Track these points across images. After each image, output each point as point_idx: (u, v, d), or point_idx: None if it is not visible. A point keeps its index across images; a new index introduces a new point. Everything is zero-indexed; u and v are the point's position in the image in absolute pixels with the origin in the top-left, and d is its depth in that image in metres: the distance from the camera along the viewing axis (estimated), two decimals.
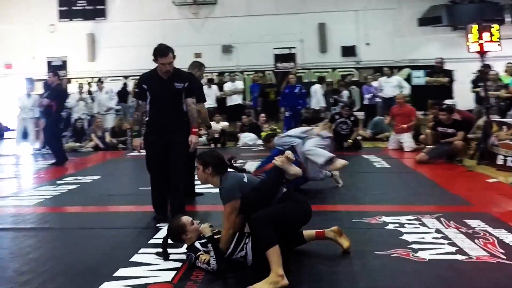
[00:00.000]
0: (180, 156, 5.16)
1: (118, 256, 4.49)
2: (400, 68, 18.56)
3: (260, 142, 11.96)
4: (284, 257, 3.82)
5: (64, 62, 19.34)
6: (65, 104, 11.18)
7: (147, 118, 5.41)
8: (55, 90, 10.88)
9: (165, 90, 5.27)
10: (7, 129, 17.86)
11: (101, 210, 6.49)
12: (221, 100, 13.68)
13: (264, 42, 19.23)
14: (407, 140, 11.52)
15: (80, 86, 15.34)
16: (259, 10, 19.64)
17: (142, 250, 4.61)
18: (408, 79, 18.14)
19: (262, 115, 11.50)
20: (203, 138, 12.01)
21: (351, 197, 6.63)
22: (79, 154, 12.68)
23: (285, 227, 3.96)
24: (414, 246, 4.46)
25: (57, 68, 18.83)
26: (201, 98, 6.54)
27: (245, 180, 4.14)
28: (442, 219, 5.28)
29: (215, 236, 4.10)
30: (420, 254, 4.26)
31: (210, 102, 13.65)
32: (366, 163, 9.66)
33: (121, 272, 4.10)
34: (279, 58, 19.38)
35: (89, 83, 17.77)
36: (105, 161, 11.65)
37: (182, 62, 17.76)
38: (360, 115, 15.59)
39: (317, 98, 13.91)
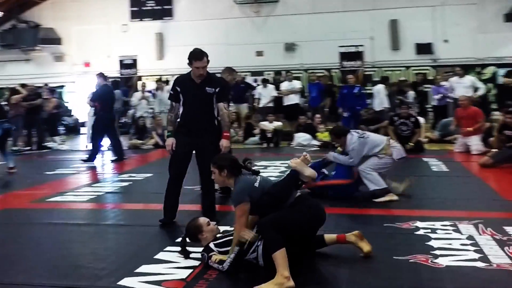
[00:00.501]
0: (210, 159, 5.27)
1: (144, 253, 4.76)
2: (483, 66, 17.99)
3: (314, 142, 12.00)
4: (295, 260, 3.95)
5: (135, 61, 20.33)
6: (110, 104, 11.52)
7: (178, 120, 5.65)
8: (98, 91, 11.53)
9: (196, 94, 5.51)
10: (84, 125, 18.82)
11: (142, 208, 6.84)
12: (278, 100, 13.80)
13: (329, 40, 19.14)
14: (475, 143, 11.17)
15: (143, 85, 15.96)
16: (325, 7, 19.56)
17: (168, 248, 4.84)
18: (493, 77, 17.55)
19: (318, 115, 11.51)
20: (256, 138, 12.22)
21: (391, 201, 6.55)
22: (140, 151, 13.24)
23: (293, 232, 4.07)
24: (437, 252, 4.44)
25: (128, 66, 19.92)
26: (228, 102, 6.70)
27: (256, 184, 4.28)
28: (480, 225, 5.18)
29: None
30: (440, 260, 4.24)
31: (264, 101, 13.90)
32: (423, 167, 9.49)
33: (142, 268, 4.34)
34: (345, 56, 19.26)
35: (156, 81, 18.57)
36: (161, 159, 12.05)
37: (244, 60, 18.23)
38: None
39: (380, 98, 13.72)
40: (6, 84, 20.32)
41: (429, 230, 5.09)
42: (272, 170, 8.89)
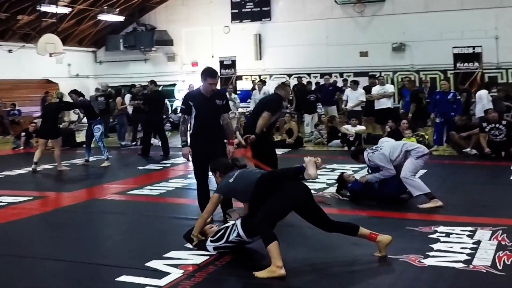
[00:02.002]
0: None
1: (179, 241, 5.66)
2: None
3: None
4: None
5: (233, 62, 21.82)
6: (157, 107, 13.65)
7: (190, 131, 6.49)
8: (148, 95, 13.74)
9: (208, 106, 6.39)
10: None
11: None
12: (371, 103, 14.13)
13: (444, 40, 19.10)
14: None
15: (230, 87, 17.09)
16: (440, 6, 19.51)
17: None
18: None
19: (404, 121, 11.77)
20: (338, 141, 12.79)
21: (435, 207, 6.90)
22: None
23: (283, 215, 4.94)
24: (431, 253, 4.97)
25: (227, 66, 21.60)
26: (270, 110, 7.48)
27: (231, 180, 5.27)
28: (499, 232, 5.54)
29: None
30: (426, 260, 4.79)
31: (350, 105, 14.36)
32: (503, 175, 9.45)
33: (171, 253, 5.27)
34: (459, 57, 19.01)
35: (253, 81, 20.03)
36: (240, 158, 12.90)
37: (346, 61, 19.11)
38: None
39: (482, 104, 13.56)
40: (129, 82, 22.93)
41: (444, 234, 5.55)
42: (335, 173, 9.13)
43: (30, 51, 20.40)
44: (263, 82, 17.34)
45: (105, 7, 21.96)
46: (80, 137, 16.09)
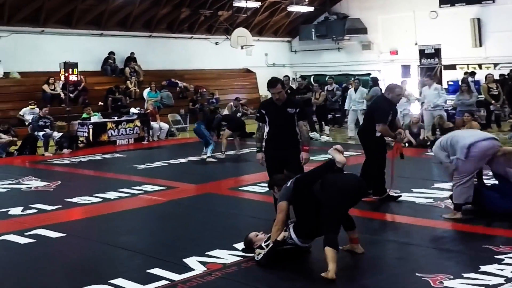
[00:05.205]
0: (296, 170, 6.60)
1: (229, 241, 6.02)
2: None
3: None
4: None
5: (437, 50, 20.91)
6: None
7: (266, 137, 7.15)
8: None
9: (279, 114, 6.98)
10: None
11: None
12: None
13: None
14: None
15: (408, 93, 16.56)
16: None
17: None
18: None
19: None
20: None
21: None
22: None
23: (343, 211, 5.32)
24: (469, 274, 4.83)
25: (428, 56, 20.98)
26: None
27: (289, 184, 5.66)
28: None
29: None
30: (450, 281, 4.69)
31: None
32: None
33: (213, 252, 5.68)
34: None
35: (465, 73, 19.51)
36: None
37: None
38: None
39: None
40: (323, 71, 24.83)
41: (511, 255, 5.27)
42: None
43: None
44: (471, 73, 16.55)
45: None
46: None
